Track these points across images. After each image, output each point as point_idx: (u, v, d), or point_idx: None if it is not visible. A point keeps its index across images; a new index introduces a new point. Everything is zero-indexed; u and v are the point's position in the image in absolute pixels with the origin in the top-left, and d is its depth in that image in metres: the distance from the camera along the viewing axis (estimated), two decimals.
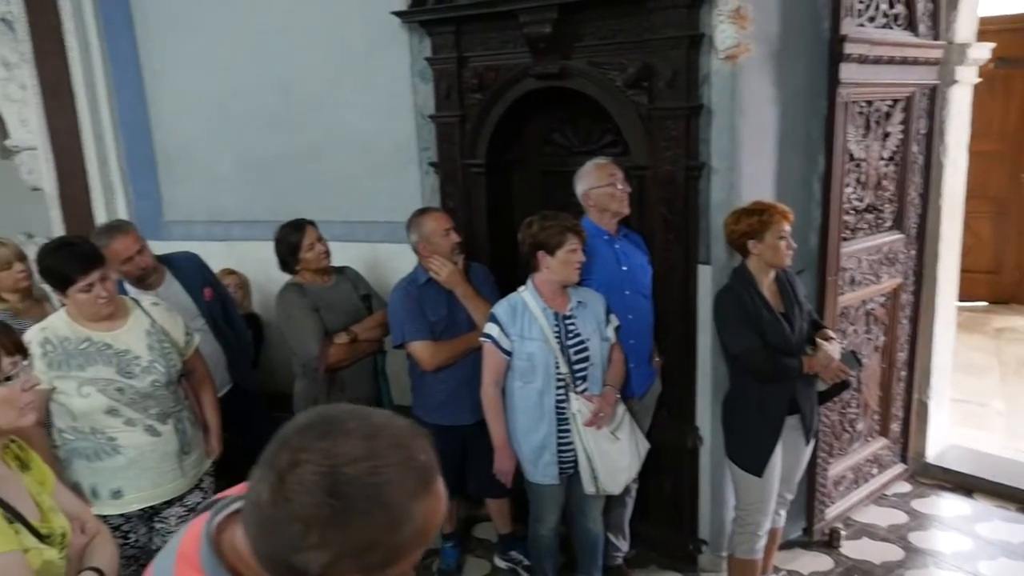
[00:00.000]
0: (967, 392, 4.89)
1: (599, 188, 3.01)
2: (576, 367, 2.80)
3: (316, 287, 3.25)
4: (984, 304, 6.70)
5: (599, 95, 3.15)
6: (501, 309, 2.83)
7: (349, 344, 3.19)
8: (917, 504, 3.86)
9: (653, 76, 2.98)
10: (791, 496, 3.19)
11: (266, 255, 3.31)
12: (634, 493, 3.27)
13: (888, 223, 3.63)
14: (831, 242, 3.26)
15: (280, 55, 4.02)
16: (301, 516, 0.84)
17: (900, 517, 3.76)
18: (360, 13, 3.78)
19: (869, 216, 3.51)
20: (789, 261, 2.85)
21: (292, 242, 3.20)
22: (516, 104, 3.41)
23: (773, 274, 2.91)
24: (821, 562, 3.45)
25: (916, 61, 3.44)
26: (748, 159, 3.01)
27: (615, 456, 2.85)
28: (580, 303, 2.85)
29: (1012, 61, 5.75)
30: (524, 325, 2.79)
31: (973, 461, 4.11)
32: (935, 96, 3.65)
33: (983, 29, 3.86)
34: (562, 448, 2.84)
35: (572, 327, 2.81)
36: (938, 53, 3.57)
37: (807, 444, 3.06)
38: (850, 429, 3.71)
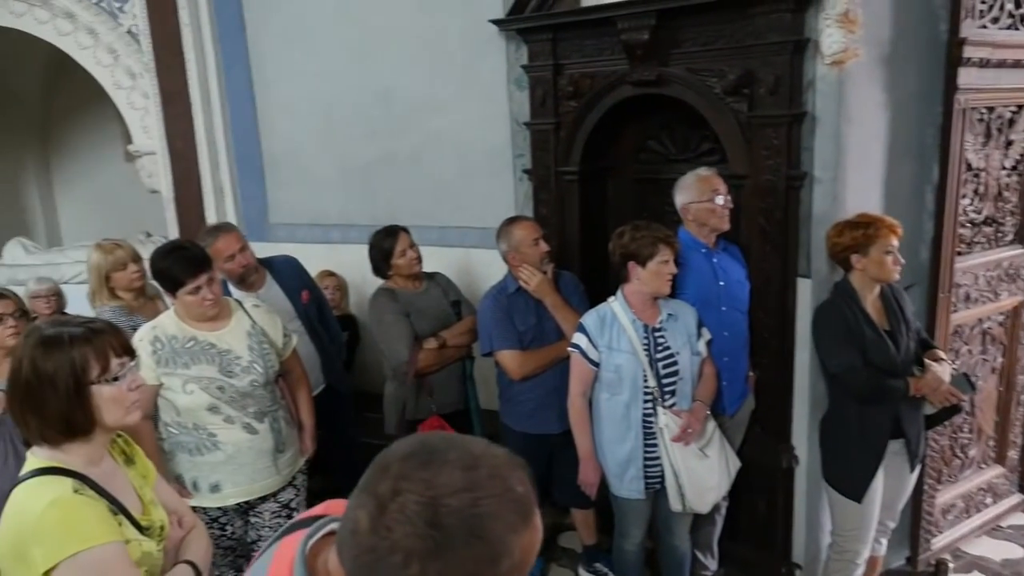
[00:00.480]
0: None
1: (700, 203, 2.92)
2: (665, 381, 2.74)
3: (407, 292, 3.31)
4: None
5: (697, 102, 3.08)
6: (590, 319, 2.80)
7: (438, 349, 3.23)
8: None
9: (754, 82, 2.89)
10: (893, 524, 3.03)
11: (363, 258, 3.39)
12: (724, 511, 3.18)
13: (1009, 237, 3.40)
14: (944, 256, 3.09)
15: (381, 63, 4.12)
16: (403, 547, 0.83)
17: (1016, 551, 3.51)
18: (459, 22, 3.83)
19: (988, 229, 3.30)
20: (896, 277, 2.71)
21: (385, 248, 3.27)
22: (611, 111, 3.38)
23: (878, 289, 2.77)
24: None
25: None
26: (854, 168, 2.87)
27: (703, 474, 2.78)
28: (671, 315, 2.79)
29: None
30: (612, 336, 2.75)
31: None
32: None
33: None
34: (649, 463, 2.79)
35: (662, 340, 2.75)
36: None
37: (912, 471, 2.90)
38: (961, 455, 3.49)
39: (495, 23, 3.60)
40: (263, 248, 3.93)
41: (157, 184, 4.83)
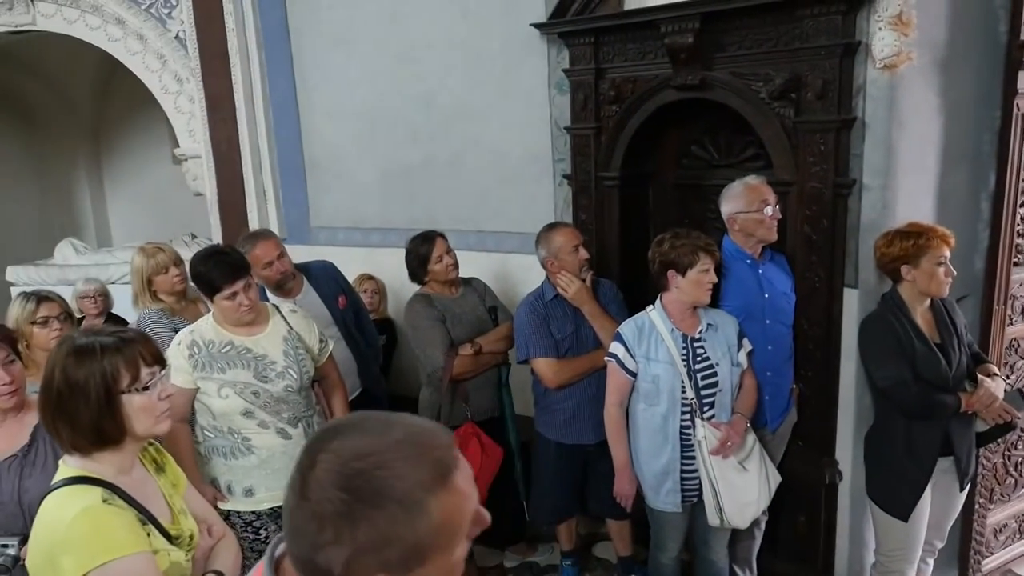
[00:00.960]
0: None
1: (748, 213, 2.83)
2: (703, 392, 2.68)
3: (443, 298, 3.29)
4: None
5: (741, 107, 3.01)
6: (627, 329, 2.75)
7: (474, 355, 3.21)
8: None
9: (801, 87, 2.81)
10: (941, 544, 2.93)
11: (402, 262, 3.38)
12: (763, 526, 3.09)
13: None
14: (1000, 267, 2.98)
15: (423, 68, 4.12)
16: (318, 514, 0.86)
17: None
18: (500, 26, 3.81)
19: None
20: (947, 291, 2.61)
21: (422, 254, 3.26)
22: (654, 116, 3.32)
23: (928, 301, 2.67)
24: None
25: None
26: (905, 176, 2.77)
27: (743, 488, 2.71)
28: (710, 325, 2.73)
29: None
30: (650, 346, 2.70)
31: None
32: None
33: None
34: (686, 476, 2.73)
35: (701, 350, 2.69)
36: None
37: (961, 490, 2.79)
38: (1015, 473, 3.35)
39: (537, 27, 3.57)
40: (304, 251, 3.97)
41: (202, 187, 4.90)
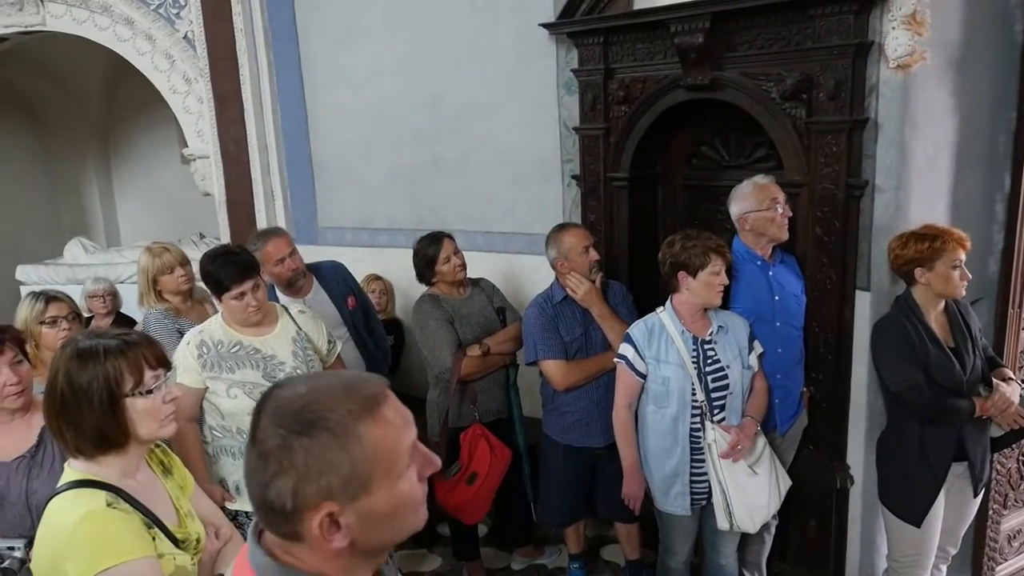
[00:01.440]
0: None
1: (758, 212, 2.81)
2: (714, 395, 2.66)
3: (451, 299, 3.28)
4: None
5: (752, 107, 2.98)
6: (637, 330, 2.73)
7: (481, 356, 3.19)
8: None
9: (813, 87, 2.78)
10: (954, 550, 2.89)
11: (410, 262, 3.37)
12: (773, 530, 3.07)
13: None
14: (1015, 270, 2.94)
15: (430, 68, 4.11)
16: (262, 452, 0.94)
17: None
18: (508, 26, 3.79)
19: None
20: (962, 293, 2.58)
21: (429, 255, 3.24)
22: (663, 116, 3.30)
23: (943, 304, 2.64)
24: None
25: None
26: (919, 177, 2.74)
27: (753, 492, 2.68)
28: (721, 327, 2.70)
29: None
30: (660, 348, 2.67)
31: None
32: None
33: None
34: (695, 479, 2.71)
35: (711, 352, 2.67)
36: None
37: (975, 495, 2.76)
38: None
39: (545, 27, 3.56)
40: (312, 251, 3.96)
41: (210, 187, 4.91)
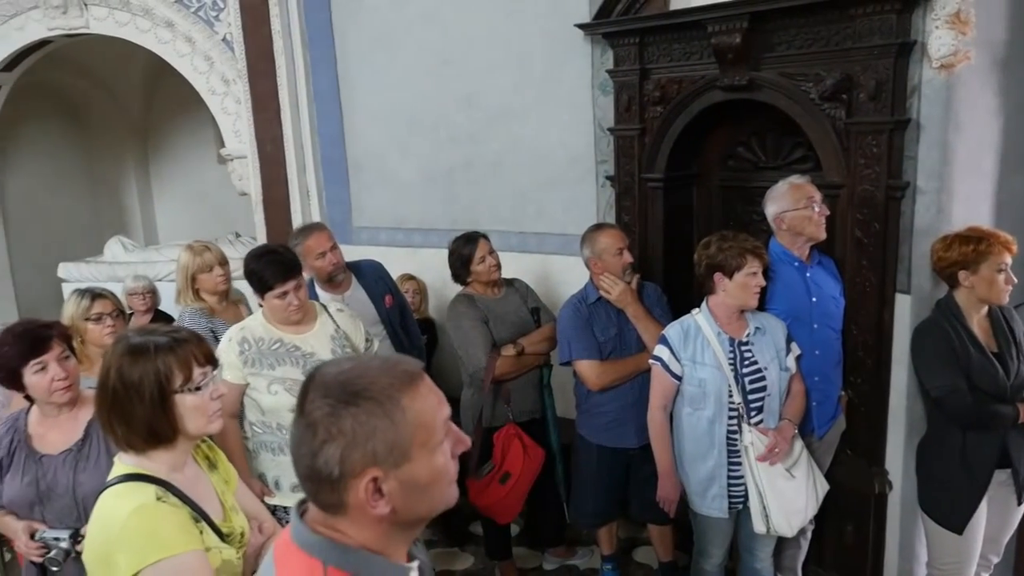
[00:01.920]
0: None
1: (794, 211, 2.78)
2: (751, 397, 2.64)
3: (486, 299, 3.29)
4: None
5: (790, 108, 2.95)
6: (673, 331, 2.72)
7: (516, 357, 3.20)
8: None
9: (853, 87, 2.74)
10: (996, 559, 2.84)
11: (444, 262, 3.39)
12: (809, 535, 3.04)
13: None
14: None
15: (465, 69, 4.13)
16: (311, 422, 1.01)
17: None
18: (543, 26, 3.80)
19: None
20: (1007, 298, 2.53)
21: (464, 255, 3.26)
22: (699, 117, 3.28)
23: (986, 308, 2.60)
24: None
25: None
26: (962, 179, 2.70)
27: (790, 495, 2.66)
28: (758, 329, 2.68)
29: None
30: (696, 349, 2.66)
31: None
32: None
33: None
34: (732, 481, 2.69)
35: (748, 354, 2.65)
36: None
37: (1020, 503, 2.71)
38: None
39: (580, 27, 3.55)
40: (347, 251, 3.98)
41: (247, 187, 4.98)
